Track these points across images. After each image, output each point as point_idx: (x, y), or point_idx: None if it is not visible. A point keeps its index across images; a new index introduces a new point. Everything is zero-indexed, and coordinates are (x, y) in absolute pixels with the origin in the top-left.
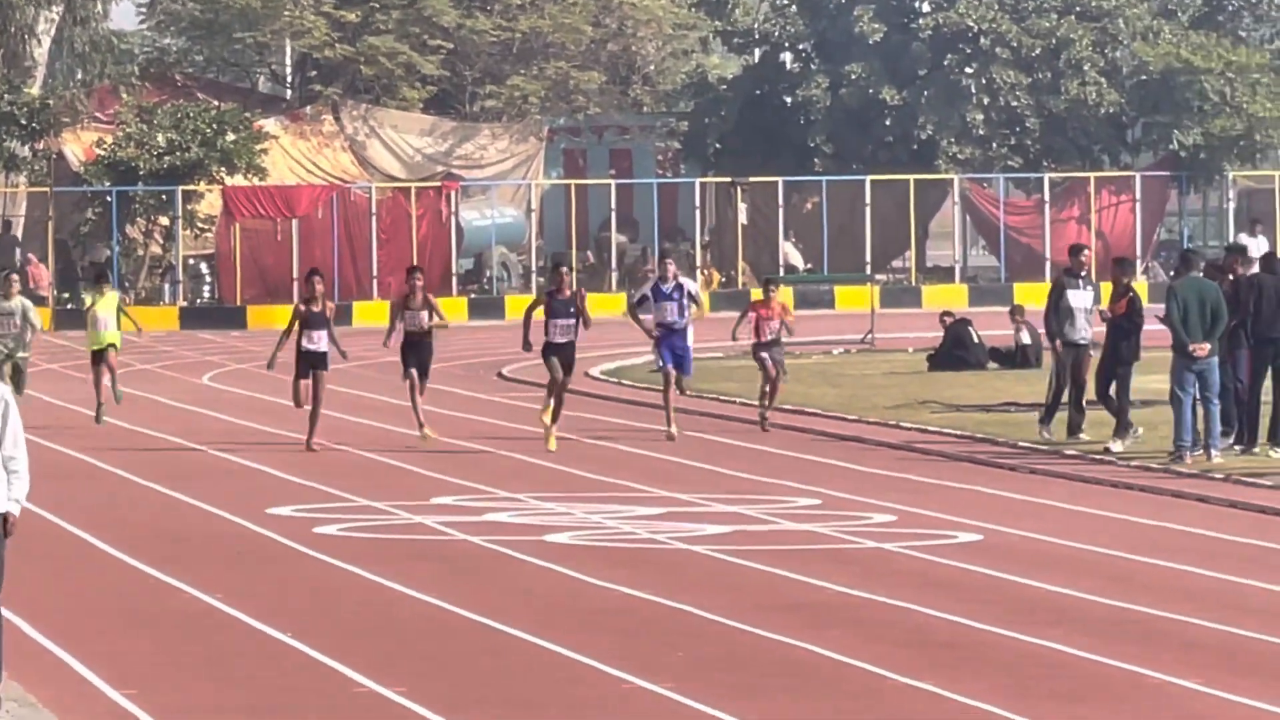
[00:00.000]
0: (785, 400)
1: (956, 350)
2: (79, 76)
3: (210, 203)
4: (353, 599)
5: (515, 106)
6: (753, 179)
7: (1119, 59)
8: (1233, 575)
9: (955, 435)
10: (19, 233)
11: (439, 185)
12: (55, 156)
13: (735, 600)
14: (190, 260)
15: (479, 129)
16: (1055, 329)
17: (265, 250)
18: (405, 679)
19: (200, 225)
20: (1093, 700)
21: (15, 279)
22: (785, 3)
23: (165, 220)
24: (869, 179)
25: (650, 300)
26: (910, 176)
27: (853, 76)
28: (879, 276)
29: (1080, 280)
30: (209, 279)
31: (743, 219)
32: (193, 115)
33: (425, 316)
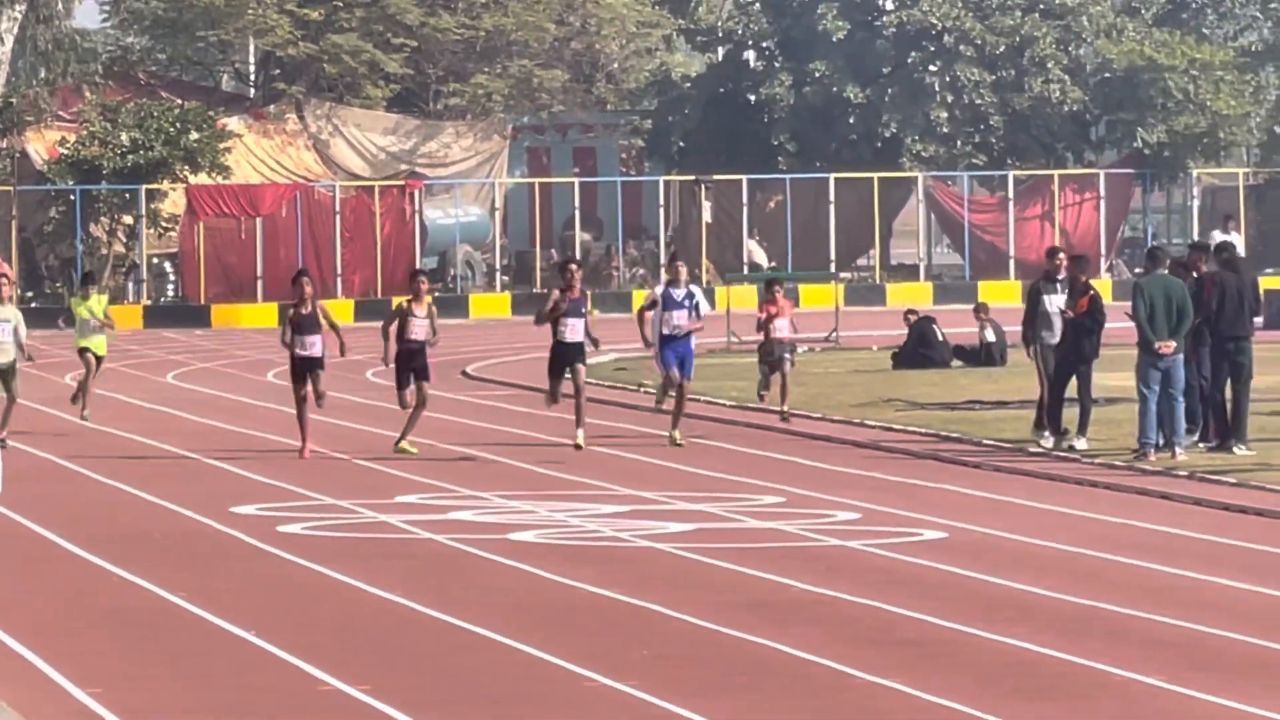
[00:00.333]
0: (748, 399)
1: (921, 348)
2: (42, 75)
3: (174, 201)
4: (317, 597)
5: (479, 105)
6: (717, 177)
7: (1083, 56)
8: (1196, 572)
9: (920, 433)
10: None
11: (403, 184)
12: (19, 155)
13: (700, 598)
14: (154, 259)
15: (443, 127)
16: (1032, 336)
17: (229, 249)
18: (369, 677)
19: (164, 224)
20: (1057, 697)
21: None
22: (749, 1)
23: (129, 219)
24: (833, 177)
25: (659, 306)
26: (874, 174)
27: (817, 74)
28: (843, 275)
29: (1057, 285)
30: (173, 278)
31: (707, 217)
32: (156, 114)
33: (427, 326)
